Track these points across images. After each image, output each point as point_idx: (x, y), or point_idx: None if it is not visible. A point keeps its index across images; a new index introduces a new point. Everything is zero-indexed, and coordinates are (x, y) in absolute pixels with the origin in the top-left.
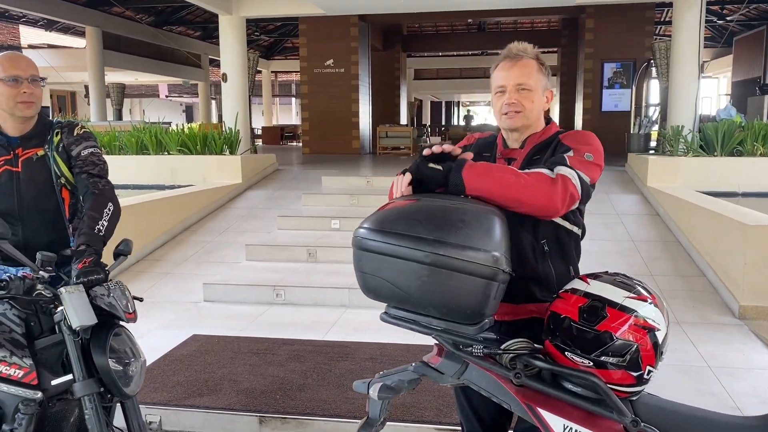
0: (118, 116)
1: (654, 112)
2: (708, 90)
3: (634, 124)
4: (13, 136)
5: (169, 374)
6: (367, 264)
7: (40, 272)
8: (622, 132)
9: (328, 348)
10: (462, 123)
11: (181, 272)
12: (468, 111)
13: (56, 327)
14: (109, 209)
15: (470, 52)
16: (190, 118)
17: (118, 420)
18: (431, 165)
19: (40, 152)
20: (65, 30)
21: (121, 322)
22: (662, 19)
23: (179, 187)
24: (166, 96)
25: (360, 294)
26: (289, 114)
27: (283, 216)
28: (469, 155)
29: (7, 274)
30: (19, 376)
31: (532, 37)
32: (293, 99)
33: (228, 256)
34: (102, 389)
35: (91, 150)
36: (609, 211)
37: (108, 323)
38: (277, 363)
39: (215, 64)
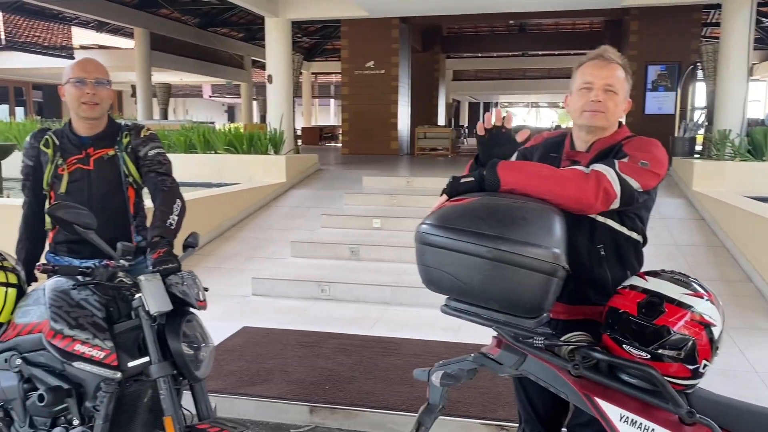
0: (164, 115)
1: (700, 116)
2: (756, 93)
3: (679, 128)
4: (85, 136)
5: (222, 364)
6: (430, 258)
7: (121, 261)
8: (666, 135)
9: (374, 343)
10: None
11: (230, 267)
12: (506, 112)
13: (133, 312)
14: (178, 205)
15: (510, 53)
16: (231, 118)
17: (186, 403)
18: (462, 180)
19: (111, 152)
20: (115, 31)
21: (193, 309)
22: (709, 21)
23: (226, 185)
24: (210, 96)
25: (402, 292)
26: (328, 115)
27: (326, 214)
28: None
29: (92, 262)
30: (101, 357)
31: (574, 38)
32: (332, 100)
33: (274, 253)
34: (175, 372)
35: (157, 150)
36: (652, 214)
37: (180, 310)
38: (325, 356)
39: (258, 65)
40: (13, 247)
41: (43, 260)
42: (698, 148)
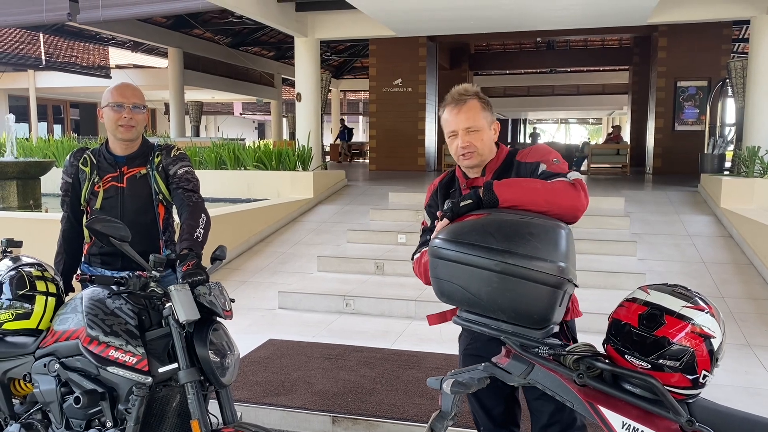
0: (196, 132)
1: (729, 133)
2: None
3: (708, 144)
4: (120, 156)
5: (248, 374)
6: (442, 271)
7: (153, 272)
8: (695, 152)
9: (396, 356)
10: (528, 141)
11: (257, 281)
12: (534, 129)
13: (163, 321)
14: (203, 219)
15: (538, 70)
16: (261, 135)
17: (212, 409)
18: (462, 203)
19: (143, 171)
20: (149, 51)
21: (219, 319)
22: (741, 36)
23: (255, 200)
24: (240, 114)
25: (425, 306)
26: (356, 131)
27: (352, 230)
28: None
29: (126, 273)
30: (133, 362)
31: (603, 55)
32: (360, 117)
33: (301, 267)
34: (202, 378)
35: (185, 169)
36: (680, 231)
37: (208, 319)
38: (348, 368)
39: (287, 83)
40: (52, 258)
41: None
42: (727, 164)
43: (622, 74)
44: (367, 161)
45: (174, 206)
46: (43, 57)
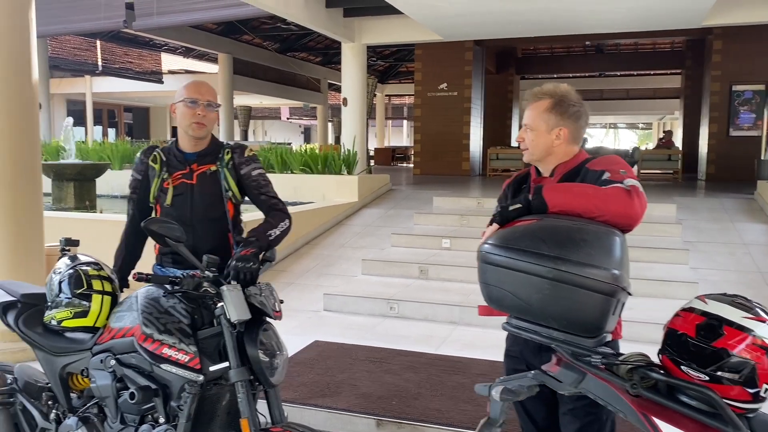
0: (244, 137)
1: None
2: None
3: (766, 150)
4: (190, 153)
5: (293, 375)
6: (492, 276)
7: (206, 272)
8: (751, 158)
9: (441, 361)
10: None
11: (303, 283)
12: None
13: (215, 320)
14: (285, 224)
15: (587, 74)
16: (307, 139)
17: (260, 408)
18: (511, 208)
19: (213, 168)
20: (200, 57)
21: (269, 319)
22: None
23: (301, 203)
24: (287, 118)
25: (470, 312)
26: (400, 136)
27: (396, 233)
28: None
29: (181, 272)
30: (186, 360)
31: (654, 58)
32: (405, 121)
33: (345, 270)
34: (251, 377)
35: (259, 171)
36: (734, 240)
37: (258, 319)
38: (393, 372)
39: (333, 88)
40: (108, 259)
41: (140, 270)
42: None
43: (673, 78)
44: (411, 165)
45: (242, 205)
46: (100, 63)
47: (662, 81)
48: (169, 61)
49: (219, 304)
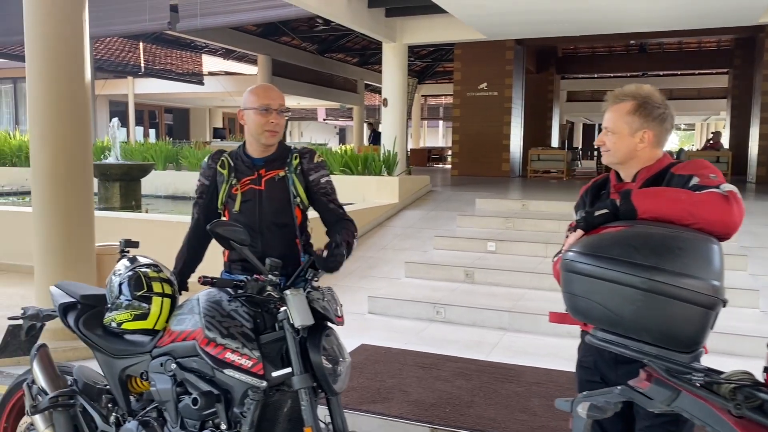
0: (283, 138)
1: None
2: None
3: None
4: (258, 158)
5: None
6: (578, 286)
7: (269, 276)
8: None
9: (493, 369)
10: None
11: (347, 284)
12: None
13: (277, 325)
14: (356, 237)
15: (629, 74)
16: (342, 140)
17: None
18: (597, 213)
19: (281, 173)
20: (240, 58)
21: (331, 325)
22: None
23: (342, 205)
24: (324, 119)
25: (520, 318)
26: (436, 136)
27: (439, 236)
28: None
29: (245, 276)
30: (249, 365)
31: (699, 57)
32: (440, 122)
33: (389, 272)
34: (314, 384)
35: (327, 178)
36: None
37: (320, 325)
38: (444, 378)
39: (370, 88)
40: (161, 259)
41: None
42: None
43: (720, 78)
44: (448, 166)
45: (316, 212)
46: (142, 64)
47: (708, 81)
48: (209, 63)
49: (282, 309)
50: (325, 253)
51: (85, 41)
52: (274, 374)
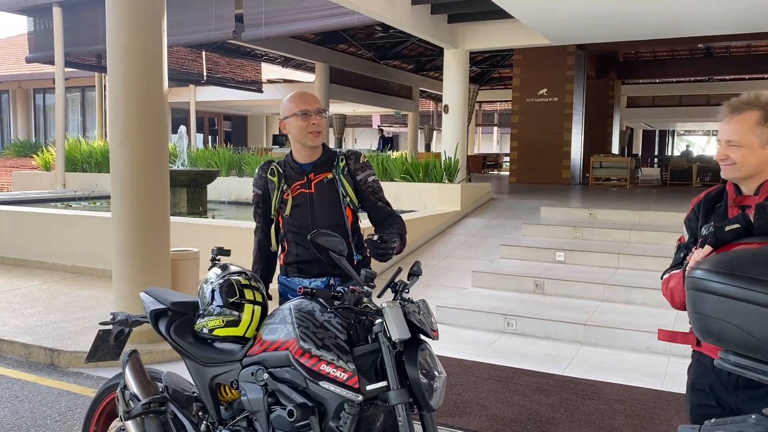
0: (339, 144)
1: None
2: None
3: None
4: (305, 163)
5: None
6: (711, 307)
7: (365, 287)
8: None
9: (572, 384)
10: (677, 153)
11: (412, 293)
12: (688, 146)
13: (369, 337)
14: (406, 232)
15: (692, 79)
16: (395, 146)
17: None
18: (728, 228)
19: (329, 176)
20: (297, 66)
21: (426, 339)
22: None
23: (402, 212)
24: (378, 126)
25: (596, 331)
26: (490, 143)
27: (505, 245)
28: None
29: (341, 287)
30: (344, 378)
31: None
32: (494, 128)
33: (454, 281)
34: (410, 399)
35: (373, 177)
36: None
37: (415, 339)
38: (521, 393)
39: (424, 95)
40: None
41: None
42: None
43: None
44: (503, 173)
45: (365, 212)
46: (205, 73)
47: None
48: (268, 71)
49: (377, 321)
50: (375, 237)
51: (163, 50)
52: (369, 388)
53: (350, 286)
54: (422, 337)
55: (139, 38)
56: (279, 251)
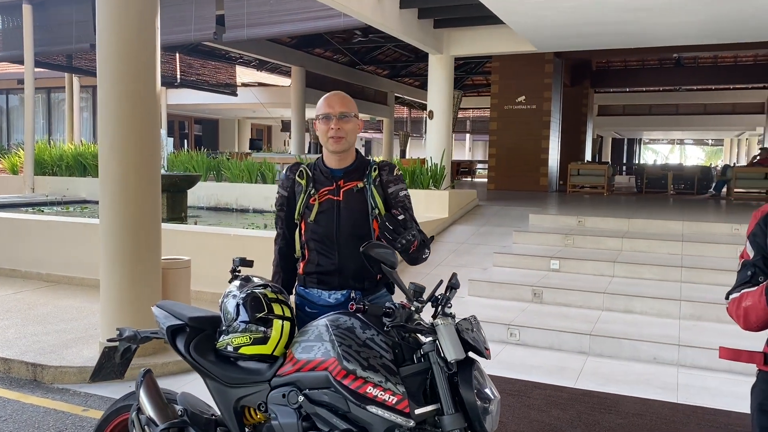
0: (316, 149)
1: None
2: None
3: None
4: (336, 169)
5: None
6: None
7: (414, 302)
8: None
9: (586, 397)
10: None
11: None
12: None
13: (415, 356)
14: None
15: (661, 88)
16: (368, 152)
17: None
18: None
19: (360, 185)
20: (273, 69)
21: (478, 358)
22: None
23: None
24: None
25: (602, 342)
26: (462, 150)
27: (499, 253)
28: None
29: (392, 303)
30: (393, 402)
31: (735, 72)
32: (467, 135)
33: None
34: (466, 425)
35: (405, 192)
36: None
37: (468, 359)
38: (537, 407)
39: (399, 101)
40: (219, 271)
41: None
42: None
43: (757, 93)
44: (478, 180)
45: None
46: (178, 75)
47: (744, 96)
48: (243, 74)
49: (427, 339)
50: (401, 217)
51: (156, 51)
52: (418, 412)
53: (399, 302)
54: (473, 355)
55: (132, 36)
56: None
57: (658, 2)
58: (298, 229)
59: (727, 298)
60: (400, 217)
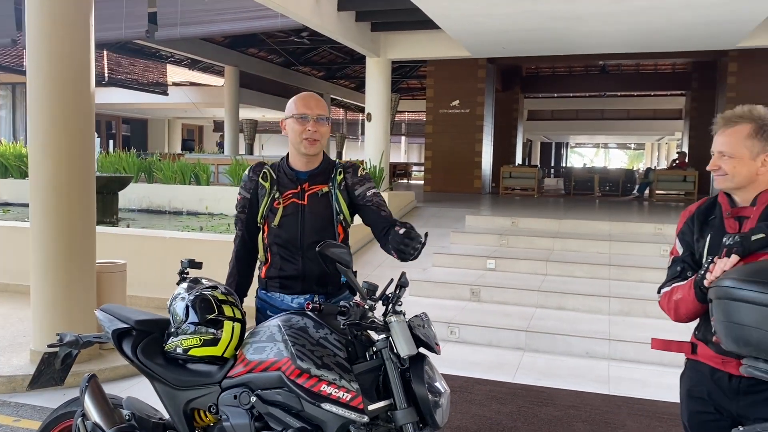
0: (250, 150)
1: None
2: None
3: None
4: (302, 171)
5: None
6: (747, 316)
7: (368, 300)
8: None
9: (524, 391)
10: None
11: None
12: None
13: (368, 354)
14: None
15: (587, 94)
16: None
17: None
18: (754, 238)
19: (325, 189)
20: (205, 69)
21: (428, 353)
22: None
23: None
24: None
25: (537, 338)
26: (398, 152)
27: (438, 253)
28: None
29: (346, 302)
30: (347, 399)
31: (656, 79)
32: (402, 137)
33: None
34: (418, 418)
35: (374, 190)
36: None
37: (419, 354)
38: (478, 402)
39: (335, 103)
40: (157, 276)
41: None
42: None
43: (675, 99)
44: (413, 182)
45: (368, 225)
46: (106, 73)
47: (664, 102)
48: (174, 73)
49: (379, 337)
50: (402, 231)
51: (90, 48)
52: (372, 407)
53: (353, 301)
54: (423, 351)
55: (65, 32)
56: (259, 263)
57: (587, 11)
58: (261, 233)
59: (659, 292)
60: (402, 231)
